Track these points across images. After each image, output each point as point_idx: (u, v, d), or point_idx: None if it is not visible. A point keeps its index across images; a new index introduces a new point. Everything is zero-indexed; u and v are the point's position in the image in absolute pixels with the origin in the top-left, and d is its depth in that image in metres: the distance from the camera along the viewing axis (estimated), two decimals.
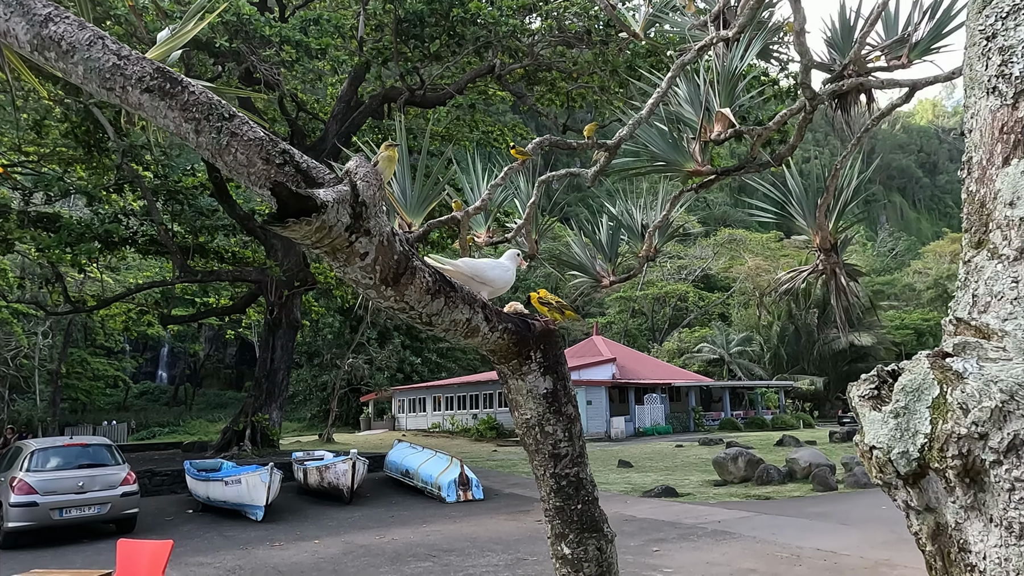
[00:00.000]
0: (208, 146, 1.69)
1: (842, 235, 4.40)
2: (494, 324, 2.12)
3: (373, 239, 1.72)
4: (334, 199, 1.57)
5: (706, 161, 4.01)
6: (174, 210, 23.64)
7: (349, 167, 1.71)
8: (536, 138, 3.64)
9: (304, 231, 1.55)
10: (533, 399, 2.25)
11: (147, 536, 11.97)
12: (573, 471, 2.27)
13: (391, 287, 1.84)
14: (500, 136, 27.49)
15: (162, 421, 56.18)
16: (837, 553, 8.83)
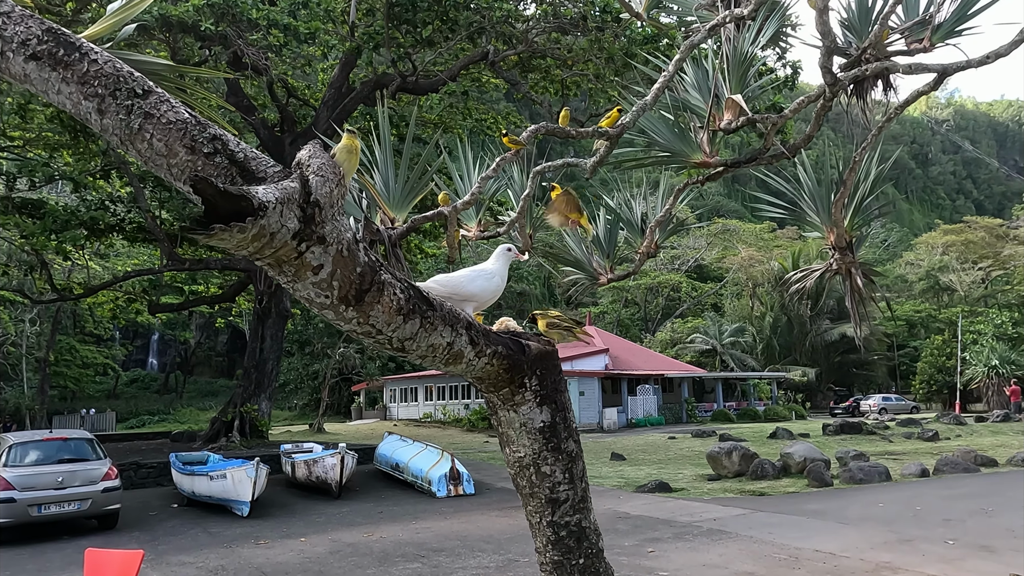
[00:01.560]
0: (116, 130, 1.37)
1: (858, 232, 4.12)
2: (481, 348, 1.79)
3: (329, 248, 1.40)
4: (277, 199, 1.26)
5: (714, 152, 3.71)
6: (162, 197, 23.24)
7: (300, 158, 1.39)
8: (530, 126, 3.33)
9: (237, 240, 1.23)
10: (527, 434, 1.93)
11: (130, 532, 11.71)
12: (574, 519, 1.97)
13: (353, 307, 1.51)
14: (493, 124, 27.11)
15: (152, 409, 55.78)
16: (836, 555, 8.60)
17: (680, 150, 3.77)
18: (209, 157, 1.37)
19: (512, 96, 35.81)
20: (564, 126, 3.44)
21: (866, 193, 4.02)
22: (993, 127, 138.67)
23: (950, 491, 13.40)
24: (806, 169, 4.23)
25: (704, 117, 3.75)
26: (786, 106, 4.83)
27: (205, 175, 1.19)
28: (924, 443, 22.35)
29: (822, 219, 4.10)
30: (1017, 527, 9.87)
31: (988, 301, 59.99)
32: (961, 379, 43.04)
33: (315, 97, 25.79)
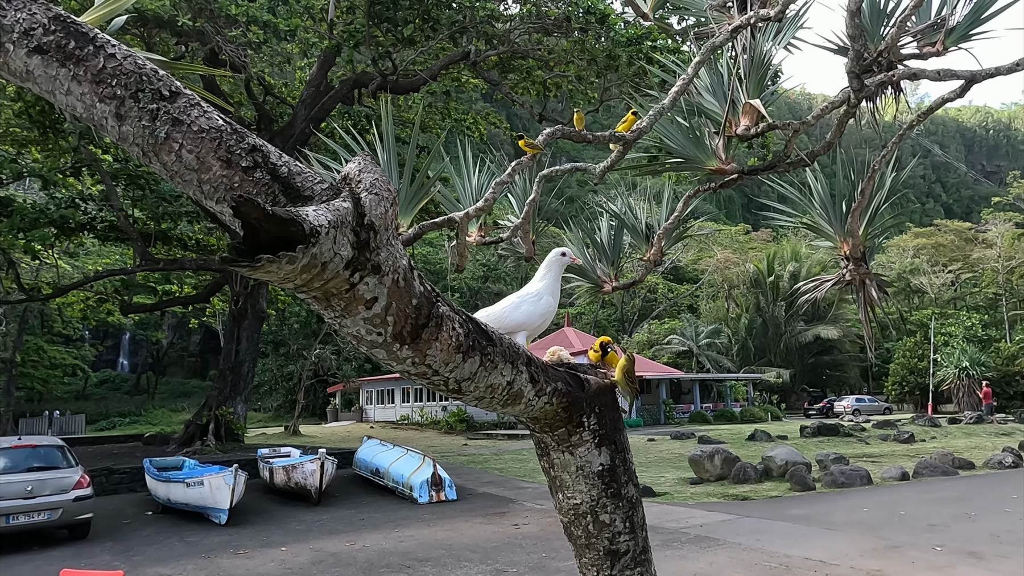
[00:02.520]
0: (137, 139, 1.17)
1: (871, 242, 4.01)
2: (541, 386, 1.60)
3: (384, 278, 1.21)
4: (329, 222, 1.08)
5: (730, 159, 3.58)
6: (135, 195, 22.71)
7: (349, 172, 1.20)
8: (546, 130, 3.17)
9: (285, 271, 1.05)
10: (585, 478, 1.75)
11: (103, 542, 11.35)
12: (636, 572, 1.79)
13: (408, 345, 1.31)
14: (473, 124, 26.93)
15: (123, 411, 54.75)
16: (827, 563, 8.56)
17: (694, 156, 3.64)
18: (248, 172, 1.18)
19: (491, 96, 35.64)
20: (579, 129, 3.28)
21: (882, 202, 3.92)
22: (961, 132, 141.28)
23: (931, 495, 13.48)
24: (817, 177, 4.12)
25: (719, 122, 3.62)
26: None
27: (246, 194, 1.01)
28: (901, 445, 22.58)
29: (835, 229, 3.99)
30: (1001, 532, 9.92)
31: (957, 303, 61.05)
32: (933, 380, 43.67)
33: (293, 95, 25.40)
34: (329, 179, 1.24)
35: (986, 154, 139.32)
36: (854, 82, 3.13)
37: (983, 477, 16.02)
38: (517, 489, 15.72)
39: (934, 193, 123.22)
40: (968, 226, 69.46)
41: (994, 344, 46.74)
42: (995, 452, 18.70)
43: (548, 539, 10.43)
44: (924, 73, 3.15)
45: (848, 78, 3.15)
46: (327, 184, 1.22)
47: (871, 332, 4.13)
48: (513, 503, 13.95)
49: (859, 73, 3.11)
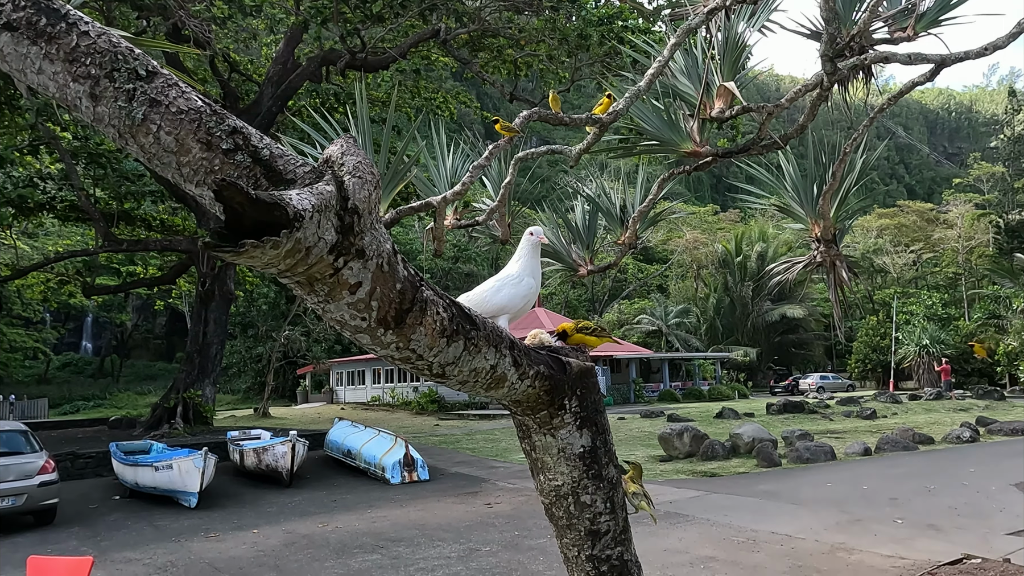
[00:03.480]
0: (113, 120, 1.13)
1: (842, 225, 4.07)
2: (524, 369, 1.61)
3: (369, 263, 1.20)
4: (313, 206, 1.06)
5: (705, 141, 3.60)
6: (96, 174, 22.16)
7: (331, 154, 1.18)
8: (522, 112, 3.15)
9: (269, 256, 1.03)
10: (566, 460, 1.77)
11: (69, 528, 11.18)
12: (616, 552, 1.82)
13: (392, 330, 1.31)
14: (443, 103, 26.68)
15: (87, 394, 53.85)
16: (793, 537, 8.76)
17: (669, 139, 3.65)
18: (229, 154, 1.15)
19: (461, 75, 35.27)
20: (556, 111, 3.27)
21: (852, 185, 3.98)
22: (924, 114, 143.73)
23: (893, 469, 13.85)
24: (789, 160, 4.16)
25: (694, 105, 3.63)
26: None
27: (227, 177, 0.98)
28: (863, 421, 23.12)
29: (806, 211, 4.04)
30: (959, 505, 10.24)
31: (919, 283, 62.44)
32: (894, 358, 44.71)
33: (259, 73, 24.90)
34: (311, 162, 1.22)
35: (948, 136, 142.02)
36: (827, 65, 3.16)
37: (942, 452, 16.49)
38: (489, 469, 15.81)
39: (897, 174, 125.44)
40: (930, 207, 70.96)
41: (953, 322, 47.94)
42: (953, 427, 19.25)
43: (521, 518, 10.53)
44: (895, 57, 3.19)
45: (821, 61, 3.17)
46: (309, 167, 1.20)
47: (840, 312, 4.21)
48: (485, 483, 14.03)
49: (832, 57, 3.13)
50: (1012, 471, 12.64)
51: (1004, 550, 7.47)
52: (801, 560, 7.71)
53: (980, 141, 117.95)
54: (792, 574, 7.16)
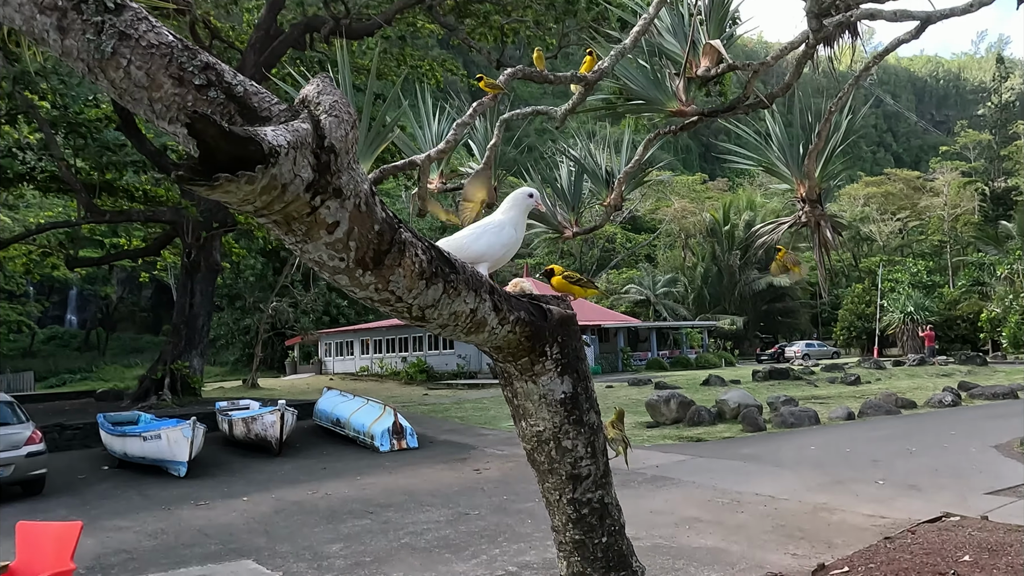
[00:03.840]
0: (82, 54, 1.10)
1: (826, 185, 4.08)
2: (504, 315, 1.61)
3: (346, 203, 1.19)
4: (289, 143, 1.04)
5: (691, 100, 3.58)
6: (76, 144, 21.84)
7: (307, 94, 1.17)
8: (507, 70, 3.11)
9: (244, 192, 1.01)
10: (547, 406, 1.78)
11: (58, 498, 11.21)
12: (597, 495, 1.84)
13: (371, 271, 1.31)
14: (429, 71, 26.35)
15: (73, 367, 53.67)
16: (776, 498, 8.91)
17: (655, 98, 3.63)
18: (201, 90, 1.14)
19: (447, 43, 34.84)
20: (540, 69, 3.23)
21: (836, 145, 3.98)
22: (912, 82, 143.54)
23: (875, 433, 14.06)
24: (775, 119, 4.15)
25: (680, 64, 3.60)
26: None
27: (198, 109, 0.97)
28: (847, 387, 23.41)
29: (792, 171, 4.04)
30: (939, 466, 10.43)
31: (905, 251, 62.89)
32: (879, 325, 45.19)
33: (241, 39, 24.46)
34: (286, 102, 1.20)
35: (936, 104, 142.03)
36: (813, 23, 3.13)
37: (924, 416, 16.75)
38: (478, 436, 15.93)
39: (885, 142, 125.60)
40: (916, 175, 71.15)
41: (938, 289, 48.43)
42: (936, 392, 19.53)
43: (509, 483, 10.64)
44: (881, 14, 3.17)
45: (807, 19, 3.15)
46: (285, 106, 1.19)
47: (824, 274, 4.24)
48: (474, 450, 14.15)
49: (818, 13, 3.11)
50: (992, 433, 12.86)
51: (982, 508, 7.63)
52: (784, 520, 7.85)
53: (968, 109, 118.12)
54: (775, 533, 7.29)
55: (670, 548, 6.95)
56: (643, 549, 6.93)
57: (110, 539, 8.51)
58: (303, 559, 7.23)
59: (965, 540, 6.17)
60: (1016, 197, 55.95)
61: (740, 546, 6.92)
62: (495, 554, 7.04)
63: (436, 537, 7.83)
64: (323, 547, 7.66)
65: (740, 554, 6.66)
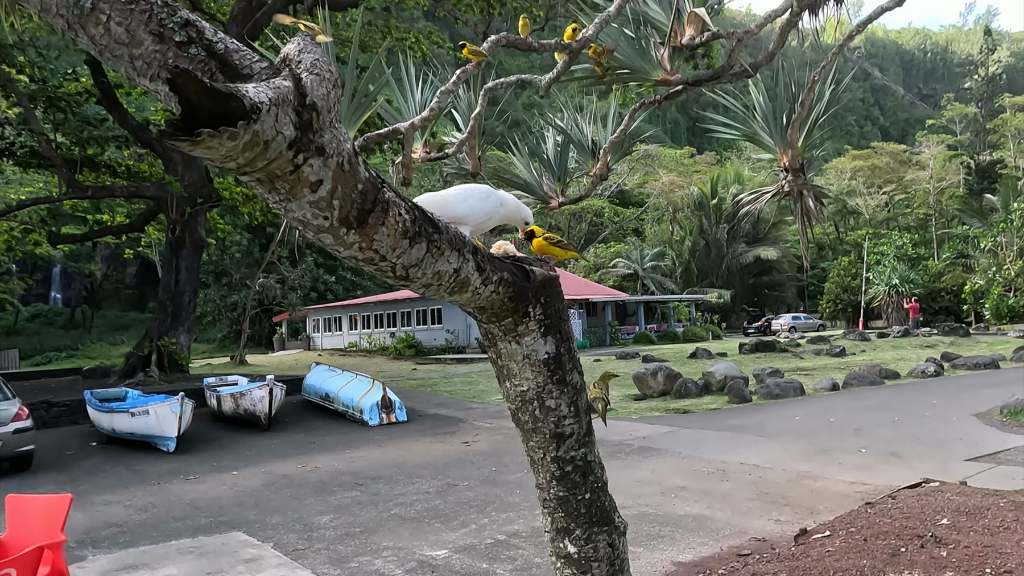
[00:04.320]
0: (62, 9, 1.10)
1: (810, 154, 4.10)
2: (487, 275, 1.62)
3: (329, 161, 1.19)
4: (270, 99, 1.05)
5: (675, 69, 3.57)
6: (56, 119, 21.47)
7: (288, 53, 1.17)
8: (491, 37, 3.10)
9: (227, 147, 1.02)
10: (531, 366, 1.81)
11: (47, 473, 11.22)
12: (580, 453, 1.88)
13: (355, 229, 1.31)
14: (415, 43, 26.05)
15: (58, 345, 53.38)
16: (760, 467, 9.05)
17: (640, 67, 3.62)
18: (182, 47, 1.13)
19: (433, 14, 34.42)
20: (524, 36, 3.22)
21: (820, 114, 3.99)
22: (900, 55, 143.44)
23: (859, 403, 14.27)
24: (759, 88, 4.15)
25: (665, 32, 3.59)
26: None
27: (183, 68, 0.97)
28: (833, 359, 23.68)
29: (776, 141, 4.06)
30: (921, 434, 10.61)
31: (890, 224, 63.29)
32: (864, 298, 45.60)
33: (223, 11, 24.05)
34: (268, 60, 1.20)
35: (923, 77, 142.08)
36: None
37: (907, 386, 17.00)
38: (466, 410, 16.04)
39: (872, 116, 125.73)
40: (903, 148, 71.38)
41: (923, 262, 48.83)
42: (919, 363, 19.80)
43: (498, 455, 10.74)
44: None
45: None
46: (266, 63, 1.19)
47: (808, 242, 4.27)
48: (463, 423, 14.25)
49: None
50: (973, 402, 13.08)
51: (962, 474, 7.79)
52: (768, 488, 7.99)
53: (955, 82, 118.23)
54: (759, 501, 7.42)
55: (656, 516, 7.06)
56: (630, 517, 7.04)
57: (100, 513, 8.54)
58: (293, 530, 7.29)
59: (944, 504, 6.30)
60: (1001, 170, 56.30)
61: (725, 513, 7.05)
62: (484, 523, 7.13)
63: (425, 508, 7.92)
64: (313, 518, 7.73)
65: (725, 521, 6.78)
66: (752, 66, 3.56)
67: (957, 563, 4.67)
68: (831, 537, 5.66)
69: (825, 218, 5.07)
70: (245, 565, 6.22)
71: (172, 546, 6.95)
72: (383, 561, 6.14)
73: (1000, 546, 4.97)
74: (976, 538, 5.19)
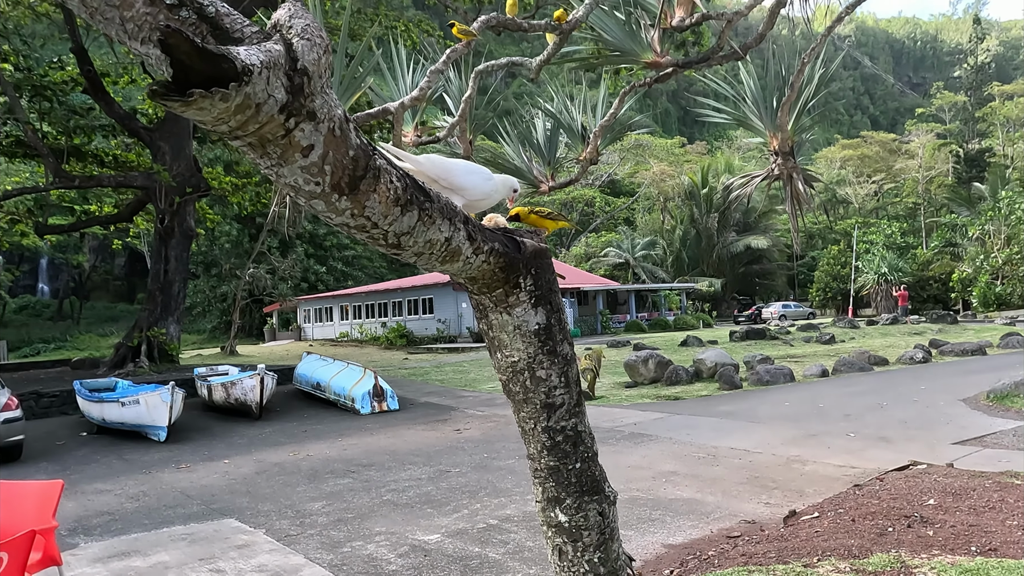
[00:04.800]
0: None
1: (799, 137, 4.12)
2: (479, 245, 1.63)
3: (320, 126, 1.20)
4: (262, 62, 1.05)
5: (666, 51, 3.58)
6: (42, 108, 21.26)
7: (278, 18, 1.17)
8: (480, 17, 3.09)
9: (219, 109, 1.02)
10: (522, 337, 1.82)
11: (37, 463, 11.18)
12: (570, 423, 1.89)
13: (347, 196, 1.31)
14: (405, 32, 25.90)
15: (46, 337, 53.08)
16: (750, 452, 9.12)
17: (630, 49, 3.62)
18: (173, 9, 1.13)
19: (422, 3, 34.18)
20: (512, 16, 3.21)
21: (809, 97, 4.01)
22: (890, 44, 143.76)
23: (848, 389, 14.38)
24: (750, 72, 4.17)
25: (655, 14, 3.59)
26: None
27: (175, 28, 0.97)
28: (822, 346, 23.84)
29: (766, 124, 4.08)
30: (909, 419, 10.71)
31: (880, 213, 63.60)
32: (854, 286, 45.87)
33: None
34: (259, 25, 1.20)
35: (913, 66, 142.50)
36: None
37: (895, 372, 17.14)
38: (458, 398, 16.07)
39: (862, 105, 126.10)
40: (892, 137, 71.65)
41: (911, 251, 49.16)
42: (907, 349, 19.96)
43: (490, 442, 10.78)
44: None
45: None
46: (257, 28, 1.19)
47: (797, 226, 4.30)
48: (455, 411, 14.28)
49: None
50: (960, 388, 13.21)
51: (949, 457, 7.88)
52: (758, 472, 8.05)
53: (944, 71, 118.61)
54: (749, 484, 7.48)
55: (648, 500, 7.11)
56: (621, 501, 7.09)
57: (91, 502, 8.53)
58: (285, 517, 7.31)
59: (931, 486, 6.38)
60: (989, 159, 56.63)
61: (715, 497, 7.10)
62: (476, 508, 7.16)
63: (418, 494, 7.94)
64: (305, 505, 7.74)
65: (715, 504, 6.84)
66: (742, 48, 3.57)
67: (943, 542, 4.74)
68: (820, 518, 5.72)
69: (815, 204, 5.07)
70: (238, 551, 6.23)
71: (164, 533, 6.95)
72: (376, 546, 6.16)
73: (985, 525, 5.03)
74: (962, 518, 5.26)
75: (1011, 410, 10.78)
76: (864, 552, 4.63)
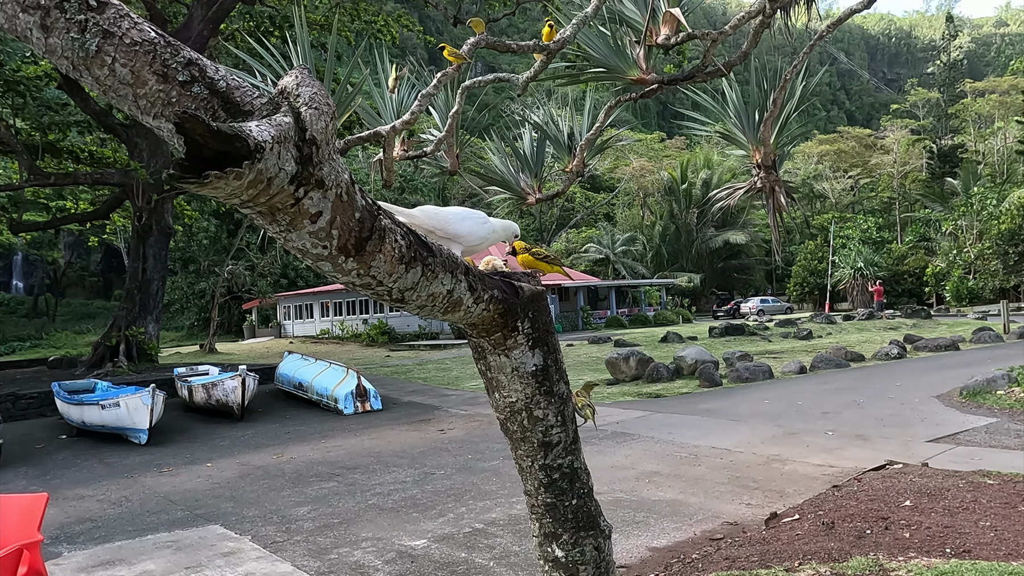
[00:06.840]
0: (67, 52, 1.11)
1: (781, 151, 4.19)
2: (479, 294, 1.67)
3: (328, 193, 1.22)
4: (273, 137, 1.08)
5: (651, 68, 3.62)
6: (15, 103, 20.91)
7: (286, 86, 1.19)
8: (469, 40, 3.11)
9: (232, 187, 1.05)
10: (520, 378, 1.86)
11: (16, 468, 11.05)
12: (567, 461, 1.94)
13: (353, 257, 1.35)
14: (384, 27, 25.78)
15: (21, 335, 52.28)
16: (732, 451, 9.25)
17: (616, 66, 3.66)
18: (185, 86, 1.15)
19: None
20: (480, 32, 3.23)
21: (792, 111, 4.07)
22: (866, 40, 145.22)
23: (826, 386, 14.60)
24: (732, 87, 4.22)
25: (640, 31, 3.63)
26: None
27: (187, 109, 0.98)
28: (800, 342, 24.14)
29: (748, 137, 4.13)
30: (885, 416, 10.91)
31: (856, 207, 64.36)
32: (830, 281, 46.45)
33: None
34: (267, 92, 1.22)
35: (888, 62, 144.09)
36: None
37: (872, 368, 17.41)
38: (441, 397, 16.09)
39: (838, 100, 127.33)
40: (868, 132, 72.53)
41: (887, 245, 49.84)
42: (883, 345, 20.28)
43: (473, 442, 10.82)
44: None
45: None
46: (266, 99, 1.21)
47: (779, 236, 4.37)
48: (438, 410, 14.30)
49: None
50: (934, 384, 13.46)
51: (924, 456, 8.05)
52: (739, 471, 8.17)
53: (918, 67, 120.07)
54: (731, 485, 7.59)
55: (631, 501, 7.20)
56: (605, 503, 7.16)
57: (73, 508, 8.46)
58: (271, 522, 7.30)
59: (907, 486, 6.52)
60: (962, 155, 57.48)
61: (698, 498, 7.20)
62: (462, 512, 7.20)
63: (403, 497, 7.97)
64: (291, 510, 7.74)
65: (698, 505, 6.93)
66: (726, 65, 3.63)
67: (919, 544, 4.85)
68: (800, 520, 5.83)
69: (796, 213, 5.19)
70: (224, 559, 6.22)
71: (148, 540, 6.93)
72: (362, 552, 6.18)
73: (959, 526, 5.16)
74: (936, 519, 5.39)
75: (983, 407, 11.02)
76: (843, 555, 4.74)
